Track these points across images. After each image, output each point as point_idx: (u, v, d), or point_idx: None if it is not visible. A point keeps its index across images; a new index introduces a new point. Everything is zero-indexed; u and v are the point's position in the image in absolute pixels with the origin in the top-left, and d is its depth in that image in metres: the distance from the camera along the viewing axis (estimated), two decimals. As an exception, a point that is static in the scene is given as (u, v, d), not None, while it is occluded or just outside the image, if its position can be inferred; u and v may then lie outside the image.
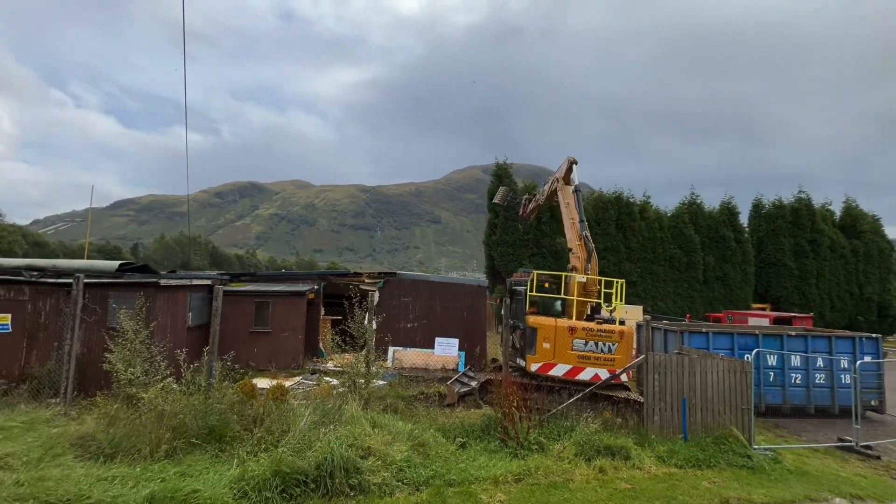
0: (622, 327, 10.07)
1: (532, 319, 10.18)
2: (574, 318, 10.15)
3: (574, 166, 11.94)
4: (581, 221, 11.47)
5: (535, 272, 10.68)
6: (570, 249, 11.43)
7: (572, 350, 9.69)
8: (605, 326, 9.95)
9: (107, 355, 6.85)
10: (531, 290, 10.33)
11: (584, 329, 9.82)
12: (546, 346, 9.67)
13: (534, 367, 9.71)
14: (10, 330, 9.23)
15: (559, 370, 9.63)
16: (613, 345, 9.76)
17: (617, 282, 10.97)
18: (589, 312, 10.52)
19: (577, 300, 10.28)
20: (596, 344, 9.74)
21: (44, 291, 9.49)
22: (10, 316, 9.24)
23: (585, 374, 9.58)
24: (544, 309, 10.58)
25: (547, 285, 10.67)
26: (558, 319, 10.10)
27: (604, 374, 9.47)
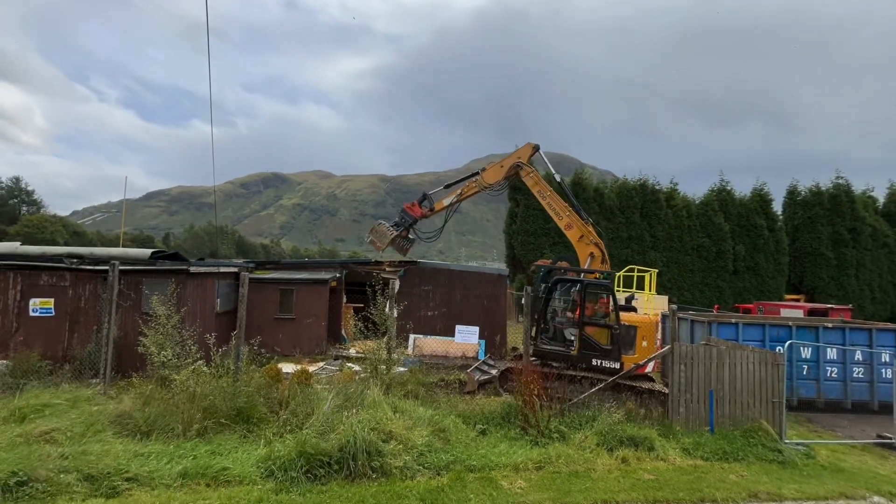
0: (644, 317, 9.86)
1: (629, 317, 9.80)
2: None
3: (538, 151, 11.82)
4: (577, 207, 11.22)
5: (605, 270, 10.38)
6: (581, 236, 11.01)
7: (655, 345, 9.59)
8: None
9: (141, 339, 7.14)
10: (613, 286, 9.92)
11: (656, 324, 9.80)
12: (644, 344, 9.53)
13: (630, 368, 9.22)
14: (54, 314, 9.75)
15: (650, 367, 9.43)
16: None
17: (649, 272, 10.69)
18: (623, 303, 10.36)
19: (649, 297, 10.07)
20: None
21: (83, 277, 9.95)
22: (53, 300, 9.74)
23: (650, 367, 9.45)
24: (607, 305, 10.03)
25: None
26: (648, 315, 9.96)
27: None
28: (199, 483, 4.95)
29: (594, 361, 9.48)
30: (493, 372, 10.62)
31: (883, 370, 10.74)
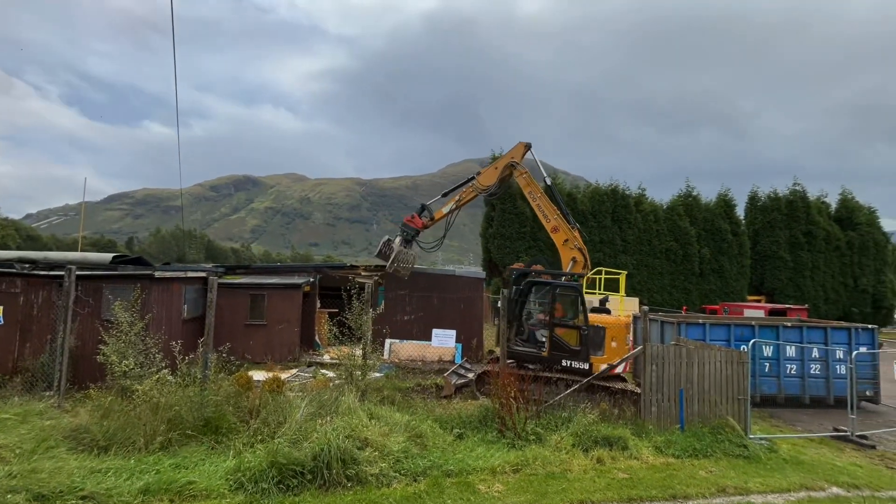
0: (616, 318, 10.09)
1: (597, 318, 9.88)
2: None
3: (530, 151, 11.93)
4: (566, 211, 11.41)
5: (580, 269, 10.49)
6: (566, 240, 11.25)
7: (626, 346, 9.74)
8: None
9: (101, 347, 6.76)
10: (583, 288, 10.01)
11: (627, 325, 9.98)
12: (613, 344, 9.64)
13: (603, 368, 9.31)
14: (3, 322, 9.12)
15: (619, 368, 9.53)
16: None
17: (620, 274, 10.96)
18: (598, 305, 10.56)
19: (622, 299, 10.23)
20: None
21: (36, 284, 9.36)
22: (1, 308, 9.12)
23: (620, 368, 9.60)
24: (576, 307, 10.13)
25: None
26: (619, 317, 10.12)
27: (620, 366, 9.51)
28: (163, 499, 4.71)
29: (563, 362, 9.68)
30: (470, 375, 10.61)
31: (837, 366, 11.34)
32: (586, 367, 9.46)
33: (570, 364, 9.60)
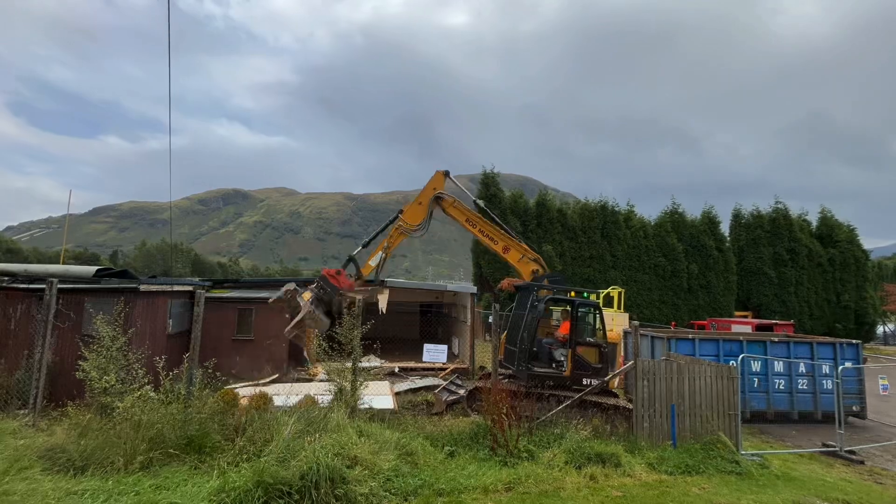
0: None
1: (611, 335, 9.77)
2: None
3: (447, 177, 11.07)
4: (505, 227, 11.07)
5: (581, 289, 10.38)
6: (521, 256, 10.65)
7: (619, 361, 9.67)
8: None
9: (80, 363, 6.54)
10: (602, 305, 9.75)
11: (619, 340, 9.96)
12: (621, 359, 9.57)
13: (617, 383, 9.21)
14: (-23, 337, 8.79)
15: (615, 382, 9.45)
16: None
17: (618, 290, 10.94)
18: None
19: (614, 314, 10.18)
20: None
21: (15, 297, 9.08)
22: (-24, 322, 8.81)
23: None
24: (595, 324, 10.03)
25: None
26: (612, 332, 10.04)
27: None
28: (142, 522, 4.50)
29: (584, 381, 9.30)
30: (462, 392, 10.49)
31: (824, 381, 11.47)
32: (599, 382, 9.28)
33: (592, 382, 9.27)
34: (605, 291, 17.22)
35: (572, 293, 10.23)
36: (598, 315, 9.80)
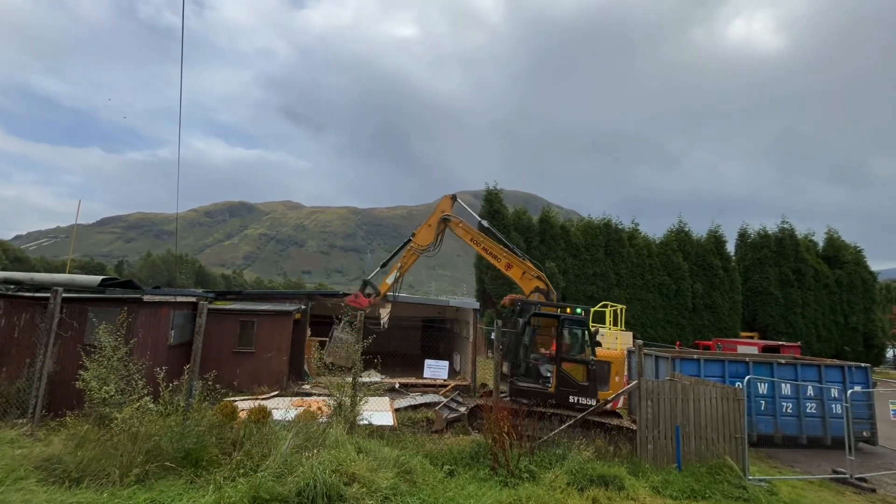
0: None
1: (604, 353, 9.70)
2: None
3: (455, 201, 12.12)
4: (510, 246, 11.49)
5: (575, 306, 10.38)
6: (523, 273, 11.01)
7: (623, 380, 9.59)
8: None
9: (81, 372, 6.53)
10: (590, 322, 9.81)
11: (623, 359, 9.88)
12: (616, 379, 9.48)
13: (599, 403, 9.10)
14: (-20, 345, 8.82)
15: (619, 401, 9.35)
16: None
17: (618, 308, 10.89)
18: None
19: (615, 332, 10.13)
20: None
21: (20, 305, 9.14)
22: (-20, 330, 8.84)
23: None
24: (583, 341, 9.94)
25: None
26: (617, 351, 9.97)
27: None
28: (135, 537, 4.43)
29: (571, 398, 9.27)
30: (462, 410, 10.35)
31: (833, 405, 11.22)
32: (594, 402, 9.15)
33: (578, 400, 9.20)
34: (596, 308, 17.11)
35: (568, 309, 10.20)
36: (585, 332, 9.71)
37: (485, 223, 12.58)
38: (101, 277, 10.74)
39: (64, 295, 8.43)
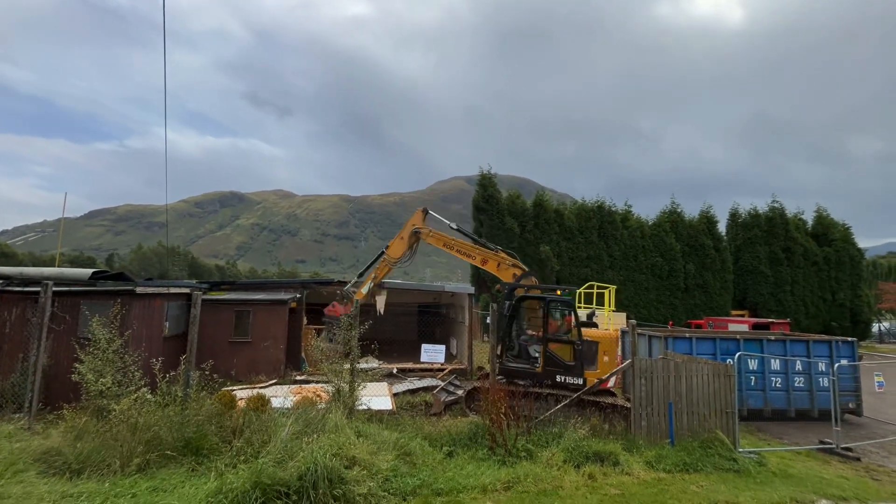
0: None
1: (591, 332, 9.90)
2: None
3: (426, 214, 12.65)
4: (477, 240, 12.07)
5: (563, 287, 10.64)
6: (498, 264, 11.39)
7: (616, 360, 9.76)
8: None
9: (76, 366, 6.51)
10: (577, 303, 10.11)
11: (616, 339, 10.04)
12: (606, 359, 9.62)
13: (594, 383, 9.33)
14: (-28, 341, 8.74)
15: (611, 381, 9.53)
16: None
17: (609, 289, 11.05)
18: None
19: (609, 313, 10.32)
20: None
21: (9, 300, 9.04)
22: (-29, 326, 8.75)
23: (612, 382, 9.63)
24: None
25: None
26: (609, 331, 10.17)
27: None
28: (139, 524, 4.48)
29: (558, 378, 9.51)
30: (460, 392, 10.49)
31: (820, 379, 11.51)
32: (580, 382, 9.37)
33: (565, 379, 9.46)
34: (581, 289, 17.36)
35: (558, 291, 10.42)
36: (571, 313, 9.90)
37: (454, 226, 13.03)
38: (91, 270, 10.62)
39: (55, 289, 8.34)
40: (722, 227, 29.55)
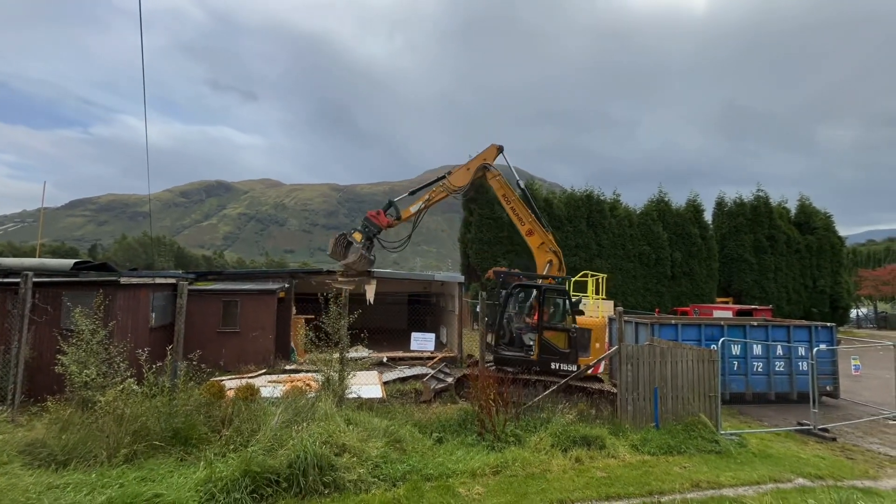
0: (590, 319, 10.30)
1: (583, 320, 9.99)
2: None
3: (501, 153, 12.04)
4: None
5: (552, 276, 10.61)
6: (541, 243, 11.31)
7: (605, 347, 9.87)
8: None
9: (60, 357, 6.40)
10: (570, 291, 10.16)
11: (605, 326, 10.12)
12: (598, 346, 9.72)
13: (581, 369, 9.48)
14: (-50, 333, 8.52)
15: (601, 367, 9.67)
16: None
17: (599, 277, 11.15)
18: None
19: (595, 300, 10.40)
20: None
21: (-12, 291, 8.81)
22: (-51, 318, 8.53)
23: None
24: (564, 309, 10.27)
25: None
26: (599, 318, 10.23)
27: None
28: (127, 514, 4.46)
29: (553, 365, 9.58)
30: (449, 380, 10.57)
31: (800, 363, 11.85)
32: (575, 369, 9.47)
33: (560, 367, 9.52)
34: (576, 278, 17.55)
35: (550, 280, 10.45)
36: (566, 301, 9.96)
37: (522, 184, 12.55)
38: (73, 261, 10.39)
39: (35, 279, 8.16)
40: (708, 216, 29.95)
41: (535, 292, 10.16)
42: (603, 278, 16.79)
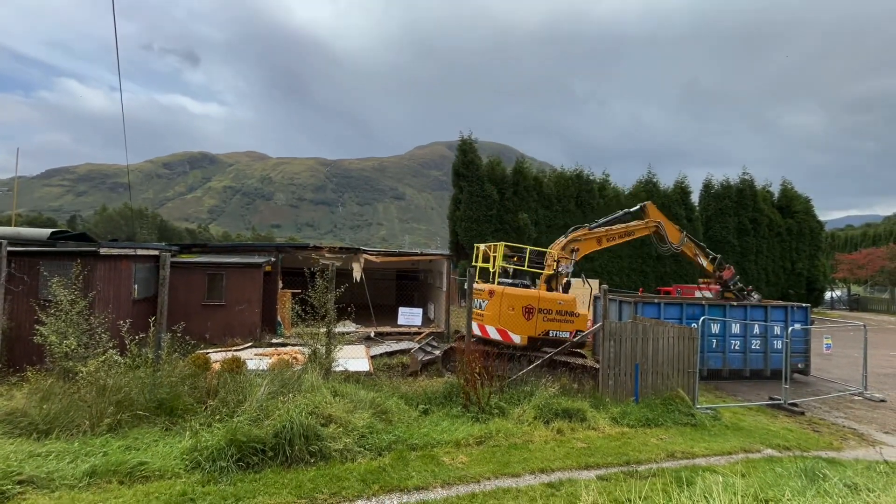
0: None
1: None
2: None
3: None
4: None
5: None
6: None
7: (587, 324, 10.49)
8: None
9: (38, 328, 6.28)
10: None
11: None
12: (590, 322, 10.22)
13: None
14: (-78, 303, 8.27)
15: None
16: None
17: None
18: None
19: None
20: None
21: (-40, 260, 8.52)
22: (-81, 287, 8.25)
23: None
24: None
25: None
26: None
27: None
28: (111, 481, 4.48)
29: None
30: (437, 353, 10.70)
31: (775, 342, 12.27)
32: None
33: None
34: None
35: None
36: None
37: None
38: (50, 230, 10.09)
39: (11, 248, 7.91)
40: (695, 198, 30.25)
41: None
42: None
